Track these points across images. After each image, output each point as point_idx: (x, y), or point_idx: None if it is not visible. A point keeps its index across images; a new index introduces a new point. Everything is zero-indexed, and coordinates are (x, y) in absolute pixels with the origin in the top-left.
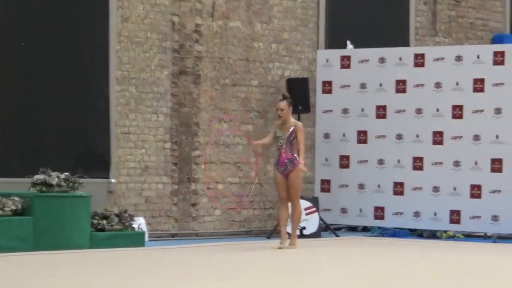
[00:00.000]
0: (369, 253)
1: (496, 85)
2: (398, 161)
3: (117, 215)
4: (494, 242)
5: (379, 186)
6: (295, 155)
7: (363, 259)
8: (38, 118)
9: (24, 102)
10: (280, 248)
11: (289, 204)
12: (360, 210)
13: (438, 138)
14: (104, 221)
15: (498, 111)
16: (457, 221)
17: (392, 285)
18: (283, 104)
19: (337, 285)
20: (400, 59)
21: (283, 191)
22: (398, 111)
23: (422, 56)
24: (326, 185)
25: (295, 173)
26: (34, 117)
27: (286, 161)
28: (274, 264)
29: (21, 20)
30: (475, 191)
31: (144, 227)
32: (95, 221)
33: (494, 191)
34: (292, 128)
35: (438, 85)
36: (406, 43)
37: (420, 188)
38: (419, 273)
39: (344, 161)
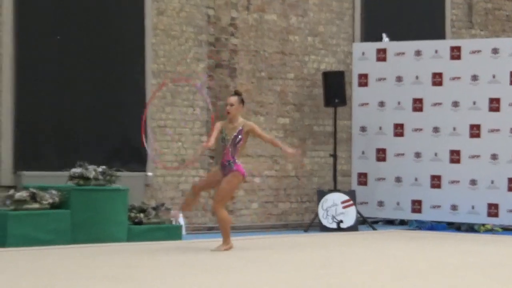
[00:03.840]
0: (407, 247)
1: None
2: (435, 154)
3: (154, 208)
4: None
5: (416, 179)
6: (234, 158)
7: (400, 252)
8: (75, 112)
9: (61, 96)
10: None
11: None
12: (397, 203)
13: (475, 131)
14: (141, 215)
15: None
16: (495, 215)
17: (431, 279)
18: (234, 99)
19: (375, 278)
20: (436, 51)
21: (204, 183)
22: (435, 104)
23: (458, 48)
24: (363, 178)
25: (229, 178)
26: (71, 111)
27: (225, 163)
28: (312, 258)
29: (56, 14)
30: None
31: (181, 221)
32: (132, 215)
33: None
34: (239, 128)
35: (474, 77)
36: (442, 36)
37: (458, 181)
38: (457, 266)
39: (381, 154)
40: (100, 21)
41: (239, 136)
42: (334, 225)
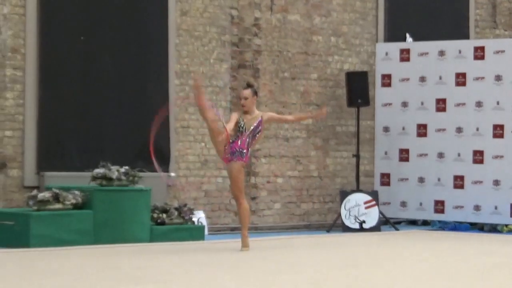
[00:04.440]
0: (430, 247)
1: None
2: (458, 155)
3: (176, 209)
4: None
5: (439, 179)
6: (249, 149)
7: (423, 253)
8: (98, 112)
9: (84, 96)
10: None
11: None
12: (420, 204)
13: (498, 131)
14: (164, 215)
15: None
16: None
17: (455, 279)
18: (247, 92)
19: (399, 279)
20: (460, 52)
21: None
22: (458, 104)
23: (482, 49)
24: (385, 179)
25: (236, 166)
26: (94, 111)
27: (237, 149)
28: (334, 258)
29: (80, 14)
30: None
31: (204, 221)
32: (155, 215)
33: None
34: (259, 119)
35: (498, 78)
36: (465, 36)
37: (481, 182)
38: (481, 267)
39: (404, 155)
40: (124, 21)
41: (259, 127)
42: (357, 226)
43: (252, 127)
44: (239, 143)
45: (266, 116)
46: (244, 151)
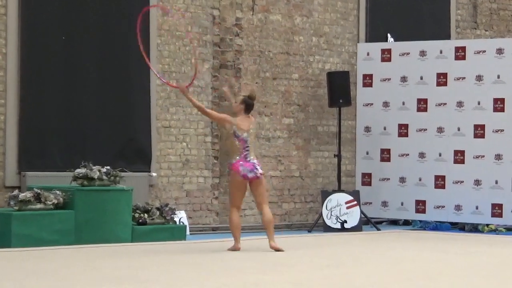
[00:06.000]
0: (411, 247)
1: None
2: (440, 155)
3: (158, 209)
4: None
5: (420, 179)
6: (233, 158)
7: (405, 253)
8: (79, 112)
9: (65, 97)
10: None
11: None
12: (401, 204)
13: (479, 131)
14: (146, 215)
15: None
16: (499, 215)
17: (436, 280)
18: (239, 98)
19: (381, 279)
20: (441, 52)
21: (241, 198)
22: (439, 104)
23: (463, 49)
24: (367, 179)
25: (263, 182)
26: (75, 111)
27: (253, 168)
28: (316, 259)
29: (62, 13)
30: None
31: (185, 221)
32: (136, 215)
33: None
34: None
35: (479, 78)
36: (447, 36)
37: (462, 182)
38: (462, 267)
39: (385, 155)
40: (105, 21)
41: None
42: (338, 225)
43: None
44: (247, 158)
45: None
46: (256, 164)
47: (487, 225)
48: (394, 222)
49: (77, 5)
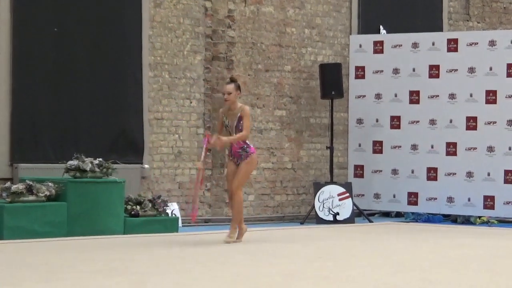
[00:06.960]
0: (403, 239)
1: None
2: (432, 147)
3: (150, 201)
4: None
5: (412, 171)
6: (247, 142)
7: (397, 245)
8: (71, 104)
9: (57, 88)
10: (227, 242)
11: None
12: (394, 196)
13: (471, 123)
14: (138, 207)
15: None
16: (491, 207)
17: (428, 271)
18: (230, 87)
19: (372, 271)
20: (433, 44)
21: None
22: (432, 97)
23: (455, 41)
24: (359, 171)
25: (248, 160)
26: (67, 103)
27: (238, 150)
28: (309, 251)
29: (54, 6)
30: (509, 177)
31: (178, 213)
32: (128, 207)
33: None
34: (238, 115)
35: (471, 70)
36: (439, 28)
37: (454, 174)
38: (454, 259)
39: (378, 147)
40: (97, 13)
41: (240, 122)
42: (331, 217)
43: (235, 123)
44: (235, 145)
45: (243, 113)
46: (244, 146)
47: (479, 217)
48: (386, 214)
49: None
